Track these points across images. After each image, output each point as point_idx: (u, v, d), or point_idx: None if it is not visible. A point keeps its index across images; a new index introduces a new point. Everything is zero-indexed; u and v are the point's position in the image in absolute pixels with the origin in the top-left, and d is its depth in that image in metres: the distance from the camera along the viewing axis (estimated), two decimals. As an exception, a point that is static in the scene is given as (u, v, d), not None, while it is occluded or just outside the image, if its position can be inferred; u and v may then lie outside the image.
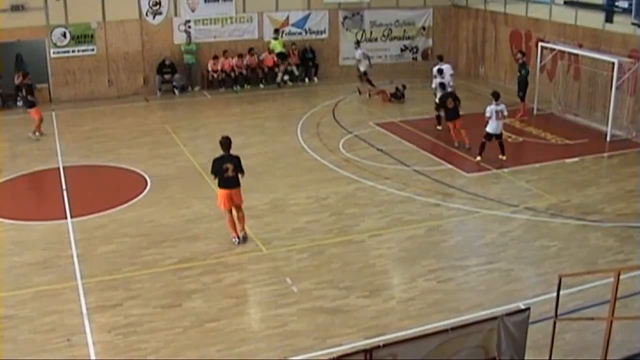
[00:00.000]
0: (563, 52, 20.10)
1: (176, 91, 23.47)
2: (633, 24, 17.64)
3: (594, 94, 19.57)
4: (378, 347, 6.76)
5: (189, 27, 23.49)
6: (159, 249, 11.93)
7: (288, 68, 24.37)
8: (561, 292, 7.98)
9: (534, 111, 20.25)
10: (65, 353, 8.96)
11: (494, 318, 7.34)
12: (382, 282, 10.86)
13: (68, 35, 22.13)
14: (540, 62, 20.37)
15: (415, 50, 26.79)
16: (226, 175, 11.67)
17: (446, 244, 12.19)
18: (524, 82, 19.81)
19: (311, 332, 9.38)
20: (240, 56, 23.88)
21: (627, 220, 12.91)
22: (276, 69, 24.24)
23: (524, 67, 19.83)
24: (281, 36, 24.60)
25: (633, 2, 17.32)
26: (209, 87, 23.95)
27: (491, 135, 15.93)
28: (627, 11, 17.85)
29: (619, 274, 7.53)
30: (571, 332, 9.14)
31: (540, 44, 20.52)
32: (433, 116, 18.94)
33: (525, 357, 7.61)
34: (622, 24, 18.35)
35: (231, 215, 12.06)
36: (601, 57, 18.47)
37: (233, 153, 11.87)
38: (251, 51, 24.02)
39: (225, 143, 11.79)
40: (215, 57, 23.69)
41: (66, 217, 13.26)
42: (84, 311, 9.93)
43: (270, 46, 24.32)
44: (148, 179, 15.32)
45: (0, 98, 21.81)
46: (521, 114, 19.88)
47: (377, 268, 11.26)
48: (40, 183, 15.49)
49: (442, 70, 18.82)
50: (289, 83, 24.46)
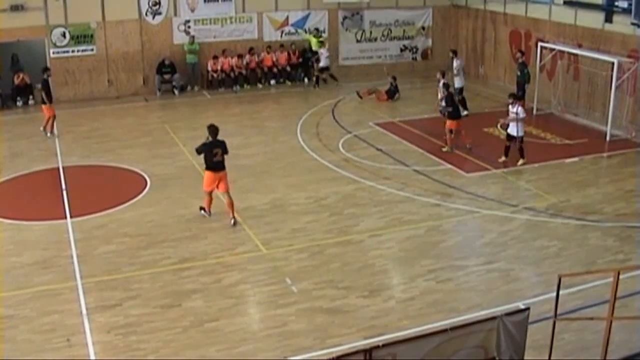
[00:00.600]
0: (562, 52, 20.10)
1: (176, 91, 23.47)
2: (632, 24, 17.65)
3: (594, 94, 19.57)
4: (377, 347, 6.77)
5: (189, 27, 23.49)
6: (159, 249, 11.94)
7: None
8: (561, 292, 7.98)
9: (534, 111, 20.25)
10: (64, 353, 8.96)
11: (494, 318, 7.35)
12: (382, 282, 10.86)
13: (68, 35, 22.13)
14: (539, 62, 20.38)
15: (415, 50, 26.78)
16: (215, 159, 12.71)
17: (446, 244, 12.19)
18: (522, 83, 19.82)
19: (311, 332, 9.38)
20: (240, 56, 23.90)
21: (627, 220, 12.92)
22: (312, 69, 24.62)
23: (525, 67, 19.83)
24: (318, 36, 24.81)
25: (632, 2, 17.33)
26: (209, 87, 23.95)
27: (510, 137, 15.81)
28: (627, 11, 17.86)
29: (619, 274, 7.54)
30: (571, 332, 9.15)
31: (539, 44, 20.53)
32: (442, 118, 17.98)
33: (524, 357, 7.62)
34: (622, 24, 18.36)
35: (210, 196, 13.05)
36: (601, 57, 18.48)
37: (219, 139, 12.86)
38: (251, 51, 24.03)
39: (213, 130, 12.78)
40: (215, 57, 23.70)
41: (66, 217, 13.26)
42: (84, 311, 9.93)
43: (312, 45, 24.58)
44: (148, 179, 15.32)
45: (0, 98, 21.81)
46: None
47: (377, 268, 11.27)
48: (40, 183, 15.48)
49: (447, 84, 18.02)
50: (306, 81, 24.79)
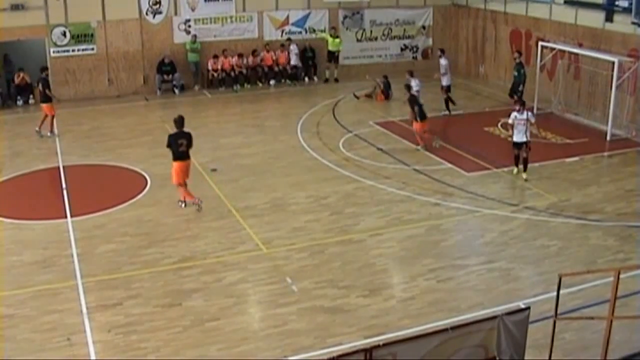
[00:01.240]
0: (563, 52, 20.11)
1: (176, 90, 23.47)
2: (633, 23, 17.66)
3: (594, 93, 19.57)
4: (378, 347, 6.77)
5: (189, 27, 23.50)
6: (159, 248, 11.94)
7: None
8: (561, 292, 7.98)
9: (534, 110, 20.23)
10: (65, 352, 8.96)
11: (494, 317, 7.35)
12: (382, 282, 10.86)
13: (68, 34, 22.13)
14: (540, 62, 20.37)
15: (415, 49, 26.77)
16: (181, 149, 13.24)
17: (446, 243, 12.19)
18: (518, 83, 19.86)
19: (311, 332, 9.38)
20: (240, 55, 23.89)
21: (627, 219, 12.91)
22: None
23: (522, 67, 19.86)
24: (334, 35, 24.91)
25: (633, 2, 17.33)
26: (209, 87, 23.95)
27: (517, 144, 14.98)
28: (627, 10, 17.86)
29: (619, 274, 7.54)
30: (571, 332, 9.15)
31: (540, 44, 20.52)
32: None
33: (525, 357, 7.62)
34: (622, 23, 18.36)
35: (184, 187, 13.43)
36: (601, 57, 18.47)
37: (185, 130, 13.40)
38: (254, 52, 24.03)
39: (179, 121, 13.33)
40: (215, 57, 23.71)
41: (66, 216, 13.26)
42: (84, 310, 9.93)
43: (328, 45, 24.70)
44: (148, 178, 15.32)
45: (0, 97, 21.83)
46: None
47: (377, 267, 11.26)
48: (40, 182, 15.48)
49: (410, 86, 18.18)
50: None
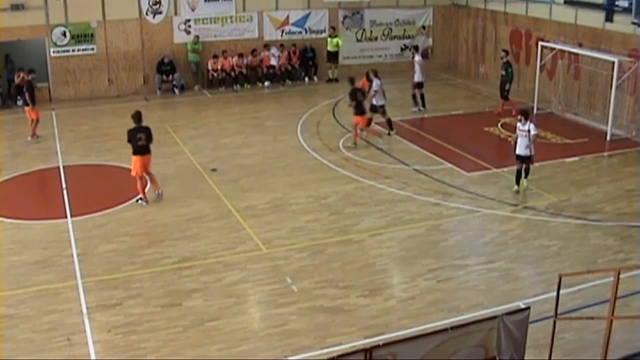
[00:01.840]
0: (563, 52, 20.10)
1: (176, 90, 23.48)
2: (633, 23, 17.66)
3: (594, 93, 19.57)
4: (378, 347, 6.77)
5: (189, 27, 23.50)
6: (159, 248, 11.94)
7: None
8: (561, 292, 7.98)
9: (534, 110, 20.23)
10: (65, 352, 8.96)
11: (494, 317, 7.35)
12: (382, 282, 10.86)
13: (68, 34, 22.13)
14: (540, 62, 20.37)
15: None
16: (140, 143, 13.53)
17: (446, 243, 12.19)
18: (505, 82, 19.91)
19: (311, 332, 9.38)
20: (240, 55, 23.90)
21: (627, 219, 12.91)
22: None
23: (509, 66, 19.92)
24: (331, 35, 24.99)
25: (633, 2, 17.33)
26: (209, 86, 23.96)
27: (518, 157, 14.22)
28: (627, 10, 17.86)
29: (619, 273, 7.54)
30: (571, 332, 9.15)
31: (540, 43, 20.52)
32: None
33: (525, 357, 7.62)
34: (622, 23, 18.35)
35: (142, 180, 13.66)
36: (601, 57, 18.47)
37: (144, 124, 13.73)
38: (254, 52, 24.03)
39: (136, 116, 13.66)
40: (215, 56, 23.72)
41: (66, 216, 13.26)
42: (84, 310, 9.93)
43: (327, 45, 24.82)
44: (148, 178, 15.29)
45: (0, 97, 21.82)
46: (498, 111, 20.19)
47: (377, 267, 11.26)
48: (40, 182, 15.49)
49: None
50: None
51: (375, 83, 18.04)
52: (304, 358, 8.81)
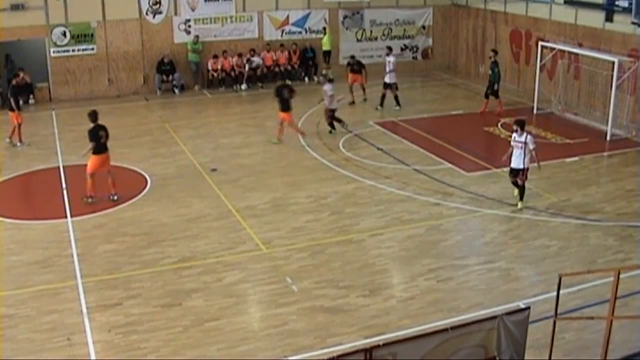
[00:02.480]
0: (563, 52, 20.12)
1: (176, 90, 23.48)
2: (633, 23, 17.66)
3: (594, 93, 19.57)
4: (378, 347, 6.76)
5: (189, 27, 23.51)
6: (159, 248, 11.94)
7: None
8: (561, 292, 7.98)
9: (534, 110, 20.26)
10: (65, 352, 8.96)
11: (494, 317, 7.34)
12: (382, 281, 10.86)
13: (68, 34, 22.14)
14: (540, 62, 20.38)
15: (415, 49, 26.80)
16: (101, 141, 13.66)
17: (446, 243, 12.19)
18: (492, 82, 19.94)
19: (311, 331, 9.38)
20: (240, 55, 23.89)
21: (627, 219, 12.92)
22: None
23: (496, 66, 19.96)
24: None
25: (633, 2, 17.33)
26: (209, 86, 23.96)
27: (512, 170, 13.35)
28: (627, 10, 17.87)
29: (619, 273, 7.54)
30: (571, 332, 9.15)
31: (540, 43, 20.54)
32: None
33: (525, 357, 7.62)
34: (622, 23, 18.36)
35: (93, 179, 13.73)
36: (601, 56, 18.48)
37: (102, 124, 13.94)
38: (251, 52, 24.01)
39: (92, 115, 13.81)
40: (215, 56, 23.73)
41: (66, 216, 13.27)
42: (84, 310, 9.93)
43: (322, 44, 24.76)
44: (148, 178, 15.32)
45: (0, 97, 21.83)
46: (481, 110, 20.31)
47: (377, 267, 11.26)
48: (40, 182, 15.48)
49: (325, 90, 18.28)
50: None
51: (327, 87, 18.02)
52: (304, 358, 8.81)
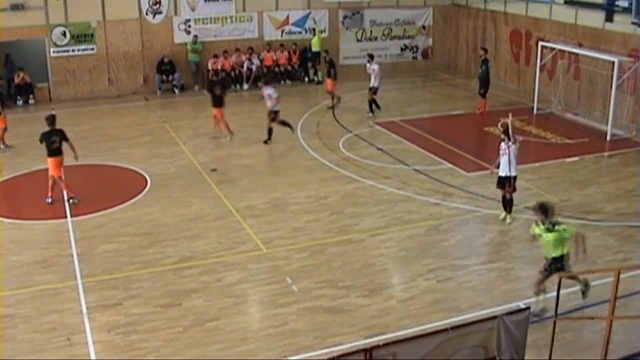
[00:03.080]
0: (563, 52, 20.12)
1: (176, 90, 23.49)
2: (633, 23, 17.67)
3: (594, 93, 19.58)
4: (378, 347, 6.77)
5: (189, 27, 23.52)
6: (159, 248, 11.93)
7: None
8: (561, 292, 7.98)
9: (534, 110, 20.26)
10: (65, 352, 8.95)
11: (494, 317, 7.35)
12: (382, 281, 10.85)
13: (68, 34, 22.14)
14: (540, 62, 20.38)
15: (415, 49, 26.80)
16: (54, 146, 13.60)
17: (446, 243, 12.19)
18: (485, 79, 19.95)
19: (311, 332, 9.38)
20: (238, 50, 23.89)
21: (627, 219, 12.91)
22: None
23: (485, 64, 19.98)
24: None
25: (633, 2, 17.33)
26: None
27: (500, 179, 12.83)
28: (627, 10, 17.87)
29: (619, 273, 7.54)
30: (571, 332, 9.15)
31: (540, 43, 20.53)
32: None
33: (525, 357, 7.62)
34: (622, 23, 18.36)
35: (54, 181, 13.74)
36: (601, 57, 18.48)
37: (58, 127, 13.81)
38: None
39: (50, 119, 13.74)
40: (215, 56, 23.73)
41: (66, 216, 13.27)
42: (84, 310, 9.93)
43: (312, 45, 24.70)
44: (148, 178, 15.32)
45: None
46: (481, 110, 20.31)
47: (377, 267, 11.26)
48: (40, 182, 15.46)
49: (264, 96, 17.96)
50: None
51: (270, 91, 17.62)
52: (304, 358, 8.81)
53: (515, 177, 12.68)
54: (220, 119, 18.04)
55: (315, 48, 24.53)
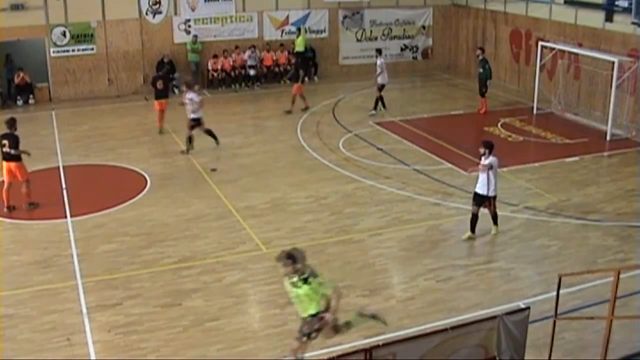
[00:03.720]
0: (563, 52, 20.12)
1: (176, 90, 23.45)
2: (633, 23, 17.67)
3: (594, 93, 19.58)
4: (378, 347, 6.78)
5: (189, 26, 23.52)
6: (159, 248, 11.93)
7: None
8: (561, 291, 7.99)
9: (534, 110, 20.26)
10: (65, 352, 8.96)
11: (494, 317, 7.35)
12: (382, 281, 10.86)
13: (68, 34, 22.13)
14: (540, 62, 20.38)
15: (415, 49, 26.80)
16: (4, 150, 13.32)
17: (446, 243, 12.19)
18: (485, 79, 19.97)
19: (311, 331, 9.37)
20: (237, 47, 23.88)
21: (627, 219, 12.92)
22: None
23: (486, 63, 19.99)
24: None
25: (633, 2, 17.34)
26: (209, 86, 23.96)
27: (476, 196, 11.92)
28: (627, 10, 17.89)
29: (619, 273, 7.54)
30: (571, 332, 9.15)
31: (540, 43, 20.53)
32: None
33: (525, 356, 7.63)
34: (622, 23, 18.37)
35: (7, 188, 13.43)
36: (601, 56, 18.49)
37: (14, 132, 13.43)
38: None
39: (9, 122, 13.50)
40: (215, 56, 23.73)
41: (66, 216, 13.26)
42: (84, 310, 9.93)
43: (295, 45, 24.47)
44: (148, 178, 15.31)
45: (0, 97, 21.84)
46: (483, 110, 20.32)
47: (377, 267, 11.26)
48: (40, 182, 15.45)
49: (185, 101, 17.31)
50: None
51: (192, 95, 17.06)
52: (304, 358, 8.80)
53: (495, 197, 11.86)
54: (163, 112, 18.58)
55: (299, 48, 24.37)
